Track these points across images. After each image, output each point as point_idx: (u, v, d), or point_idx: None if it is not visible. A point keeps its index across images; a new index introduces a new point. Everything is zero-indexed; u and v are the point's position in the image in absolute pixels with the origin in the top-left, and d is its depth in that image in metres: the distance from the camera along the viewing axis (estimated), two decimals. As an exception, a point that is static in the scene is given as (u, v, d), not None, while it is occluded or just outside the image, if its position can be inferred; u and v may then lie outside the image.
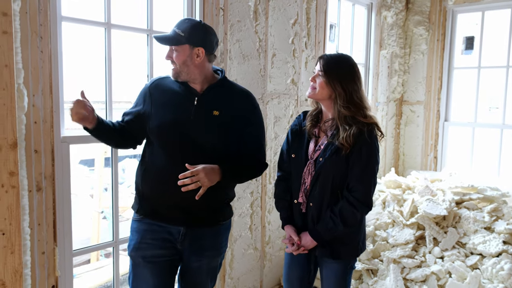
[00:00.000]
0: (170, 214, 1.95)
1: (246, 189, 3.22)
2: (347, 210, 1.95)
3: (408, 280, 3.28)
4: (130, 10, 3.14)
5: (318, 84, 2.00)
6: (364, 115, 1.98)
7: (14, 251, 1.76)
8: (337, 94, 1.96)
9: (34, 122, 2.03)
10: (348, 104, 1.95)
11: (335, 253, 2.04)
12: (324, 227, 1.99)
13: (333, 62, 2.00)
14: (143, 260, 1.97)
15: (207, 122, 1.92)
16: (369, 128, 1.96)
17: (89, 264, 5.48)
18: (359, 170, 1.95)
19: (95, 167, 6.35)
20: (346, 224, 1.97)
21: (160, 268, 1.98)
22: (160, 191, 1.94)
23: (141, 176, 2.00)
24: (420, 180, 4.14)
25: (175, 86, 1.99)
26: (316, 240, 2.01)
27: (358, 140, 1.92)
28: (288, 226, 2.14)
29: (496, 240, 3.36)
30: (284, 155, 2.19)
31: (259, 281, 3.46)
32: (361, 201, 1.96)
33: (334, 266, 2.09)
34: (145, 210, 1.99)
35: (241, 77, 3.06)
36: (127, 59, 5.73)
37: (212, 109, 1.93)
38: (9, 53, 1.66)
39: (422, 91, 5.04)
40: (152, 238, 1.97)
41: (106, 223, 6.51)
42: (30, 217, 2.04)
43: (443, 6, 4.78)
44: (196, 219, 1.96)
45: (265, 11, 3.18)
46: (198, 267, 2.03)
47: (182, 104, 1.94)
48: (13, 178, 1.72)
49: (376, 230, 3.70)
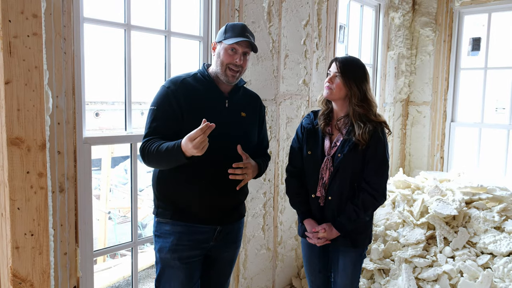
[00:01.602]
0: (208, 215, 1.99)
1: (259, 189, 3.24)
2: (369, 201, 2.13)
3: (420, 279, 3.30)
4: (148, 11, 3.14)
5: (335, 85, 2.13)
6: (374, 113, 2.15)
7: (42, 252, 1.76)
8: (352, 94, 2.11)
9: (57, 123, 2.04)
10: (362, 103, 2.12)
11: (354, 241, 2.20)
12: (348, 218, 2.13)
13: (348, 64, 2.15)
14: (180, 261, 1.98)
15: (238, 123, 2.02)
16: (381, 127, 2.15)
17: (96, 265, 5.48)
18: (376, 165, 2.12)
19: (102, 168, 6.35)
20: (368, 214, 2.17)
21: (194, 268, 2.02)
22: (200, 194, 1.96)
23: (175, 181, 1.97)
24: (429, 180, 4.17)
25: (201, 86, 1.99)
26: (340, 231, 2.16)
27: (373, 137, 2.09)
28: (309, 219, 2.25)
29: (507, 239, 3.39)
30: (295, 152, 2.31)
31: (272, 281, 3.48)
32: (380, 192, 2.14)
33: (352, 254, 2.24)
34: (181, 214, 1.99)
35: (255, 78, 3.07)
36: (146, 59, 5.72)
37: (240, 111, 2.04)
38: (39, 55, 1.67)
39: (428, 92, 5.07)
40: (189, 240, 1.99)
41: (111, 223, 6.51)
42: (53, 218, 2.05)
43: (449, 7, 4.81)
44: (230, 216, 2.09)
45: (278, 12, 3.19)
46: (225, 258, 2.17)
47: (215, 107, 1.98)
48: (42, 179, 1.73)
49: (387, 230, 3.72)
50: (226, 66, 1.96)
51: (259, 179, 3.22)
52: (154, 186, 2.05)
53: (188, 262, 2.00)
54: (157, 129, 1.91)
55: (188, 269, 2.00)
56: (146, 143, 1.89)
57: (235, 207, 2.12)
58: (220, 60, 1.97)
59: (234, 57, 1.95)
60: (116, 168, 9.69)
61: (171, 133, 1.91)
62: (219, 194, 1.99)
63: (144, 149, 1.88)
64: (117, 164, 9.91)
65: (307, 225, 2.25)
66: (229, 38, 1.95)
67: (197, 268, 2.06)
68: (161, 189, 2.02)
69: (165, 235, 2.00)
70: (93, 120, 9.42)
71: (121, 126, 2.49)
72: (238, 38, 1.93)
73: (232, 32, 1.97)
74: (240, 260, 3.16)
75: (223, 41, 1.96)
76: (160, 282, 2.04)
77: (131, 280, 2.57)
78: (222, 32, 2.00)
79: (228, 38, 1.95)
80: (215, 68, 2.02)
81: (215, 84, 2.02)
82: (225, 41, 1.95)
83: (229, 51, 1.95)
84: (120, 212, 7.73)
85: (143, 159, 1.92)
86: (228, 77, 1.97)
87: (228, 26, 2.00)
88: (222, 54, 1.96)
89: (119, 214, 7.68)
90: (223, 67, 1.96)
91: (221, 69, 1.97)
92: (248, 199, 3.15)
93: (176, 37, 2.66)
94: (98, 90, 8.17)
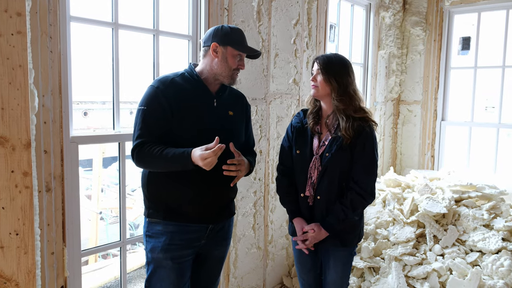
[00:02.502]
0: (200, 214, 2.01)
1: (249, 188, 3.24)
2: (358, 201, 2.13)
3: (409, 277, 3.32)
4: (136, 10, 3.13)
5: (319, 82, 2.15)
6: (355, 108, 2.13)
7: (28, 252, 1.75)
8: (332, 89, 2.12)
9: (43, 123, 2.03)
10: (342, 97, 2.11)
11: (344, 241, 2.21)
12: (336, 218, 2.13)
13: (328, 60, 2.16)
14: (172, 261, 1.98)
15: (226, 122, 2.05)
16: (368, 124, 2.14)
17: (88, 265, 5.45)
18: (364, 164, 2.13)
19: (93, 168, 6.33)
20: (356, 213, 2.17)
21: (185, 268, 2.03)
22: (191, 193, 1.97)
23: (166, 181, 1.97)
24: (419, 179, 4.19)
25: (189, 86, 2.01)
26: (329, 232, 2.16)
27: (361, 135, 2.10)
28: (298, 218, 2.26)
29: (496, 237, 3.41)
30: (285, 151, 2.31)
31: (262, 280, 3.48)
32: (368, 192, 2.13)
33: (341, 253, 2.25)
34: (173, 214, 1.99)
35: (244, 77, 3.07)
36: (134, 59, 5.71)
37: (228, 110, 2.07)
38: (23, 53, 1.66)
39: (419, 91, 5.09)
40: (181, 239, 1.99)
41: (103, 224, 6.48)
42: (40, 217, 2.04)
43: (439, 7, 4.84)
44: (221, 214, 2.12)
45: (268, 11, 3.20)
46: (216, 256, 2.20)
47: (204, 107, 2.00)
48: (27, 178, 1.72)
49: (377, 228, 3.74)
50: (233, 71, 2.04)
51: (250, 178, 3.23)
52: (144, 187, 2.04)
53: (180, 262, 2.00)
54: (149, 130, 1.91)
55: (179, 269, 2.01)
56: (142, 146, 1.88)
57: (226, 205, 2.14)
58: (228, 64, 2.02)
59: (239, 63, 2.05)
60: (109, 168, 9.66)
61: (162, 132, 1.91)
62: (210, 193, 2.01)
63: (140, 152, 1.88)
64: (110, 164, 9.87)
65: (296, 224, 2.26)
66: (237, 45, 2.02)
67: (188, 267, 2.06)
68: (152, 189, 2.01)
69: (157, 235, 2.00)
70: (81, 119, 9.40)
71: (110, 126, 2.48)
72: (249, 50, 2.07)
73: (238, 38, 2.05)
74: (231, 259, 3.16)
75: (232, 47, 2.01)
76: (150, 282, 2.03)
77: (120, 279, 2.56)
78: (228, 36, 2.02)
79: (236, 45, 2.02)
80: (214, 69, 2.03)
81: (203, 84, 2.04)
82: (236, 48, 2.02)
83: (237, 57, 2.03)
84: (112, 212, 7.70)
85: (137, 160, 1.91)
86: (233, 80, 2.07)
87: (233, 31, 2.04)
88: (230, 60, 2.02)
89: (111, 214, 7.64)
90: (230, 71, 2.03)
91: (227, 73, 2.03)
92: (238, 198, 3.15)
93: (165, 36, 2.66)
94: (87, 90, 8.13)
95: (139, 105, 1.95)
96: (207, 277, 2.22)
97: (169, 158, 1.83)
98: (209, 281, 2.24)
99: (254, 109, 3.19)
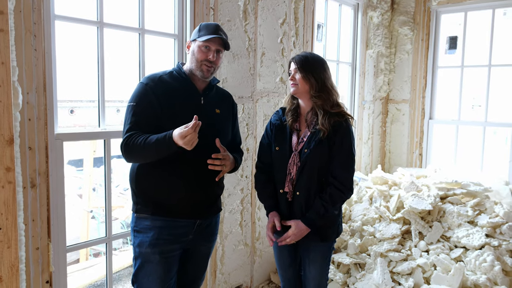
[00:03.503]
0: (188, 209, 2.05)
1: (236, 186, 3.28)
2: (336, 195, 2.16)
3: (394, 273, 3.37)
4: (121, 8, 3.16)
5: (298, 80, 2.20)
6: (333, 103, 2.19)
7: (11, 246, 1.78)
8: (310, 85, 2.17)
9: (28, 120, 2.06)
10: (320, 92, 2.17)
11: (323, 235, 2.24)
12: (317, 213, 2.16)
13: (304, 58, 2.22)
14: (160, 256, 2.01)
15: (213, 120, 2.09)
16: (345, 119, 2.19)
17: (79, 263, 5.47)
18: (342, 159, 2.17)
19: (84, 167, 6.35)
20: (336, 208, 2.22)
21: (172, 262, 2.07)
22: (179, 189, 2.02)
23: (154, 176, 2.01)
24: (406, 177, 4.25)
25: (177, 84, 2.05)
26: (310, 227, 2.18)
27: (339, 131, 2.15)
28: (274, 212, 2.28)
29: (479, 233, 3.47)
30: (264, 148, 2.35)
31: (250, 277, 3.52)
32: (347, 186, 2.18)
33: (321, 249, 2.29)
34: (161, 209, 2.03)
35: (231, 75, 3.11)
36: (119, 57, 5.75)
37: (215, 108, 2.13)
38: (6, 51, 1.69)
39: (407, 89, 5.15)
40: (168, 234, 2.03)
41: (94, 223, 6.50)
42: (24, 213, 2.06)
43: (427, 6, 4.90)
44: (209, 209, 2.17)
45: (254, 10, 3.24)
46: (202, 251, 2.24)
47: (191, 104, 2.05)
48: (10, 173, 1.75)
49: (364, 225, 3.79)
50: (200, 63, 2.04)
51: (237, 175, 3.27)
52: (132, 182, 2.08)
53: (167, 257, 2.04)
54: (138, 125, 1.95)
55: (166, 264, 2.04)
56: (129, 137, 1.92)
57: (213, 201, 2.19)
58: (195, 57, 2.05)
59: (207, 54, 2.04)
60: (101, 167, 9.66)
61: (152, 128, 1.95)
62: (198, 189, 2.05)
63: (128, 143, 1.92)
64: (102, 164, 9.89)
65: (270, 217, 2.27)
66: (202, 36, 2.03)
67: (175, 262, 2.10)
68: (140, 185, 2.05)
69: (145, 230, 2.04)
70: (68, 117, 9.41)
71: (96, 124, 2.51)
72: (211, 35, 2.02)
73: (205, 30, 2.05)
74: (217, 255, 3.19)
75: (197, 39, 2.04)
76: (137, 277, 2.07)
77: (106, 275, 2.59)
78: (196, 31, 2.09)
79: (201, 36, 2.03)
80: (189, 66, 2.09)
81: (190, 82, 2.09)
82: (199, 39, 2.03)
83: (203, 48, 2.03)
84: (103, 211, 7.70)
85: (126, 152, 1.95)
86: (203, 72, 2.05)
87: (202, 26, 2.08)
88: (196, 52, 2.05)
89: (102, 213, 7.65)
90: (198, 63, 2.05)
91: (196, 65, 2.05)
92: (225, 195, 3.19)
93: (150, 34, 2.69)
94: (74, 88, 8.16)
95: (129, 101, 2.01)
96: (194, 272, 2.26)
97: (153, 143, 1.87)
98: (195, 276, 2.28)
99: (241, 108, 3.23)
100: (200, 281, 2.32)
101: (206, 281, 3.12)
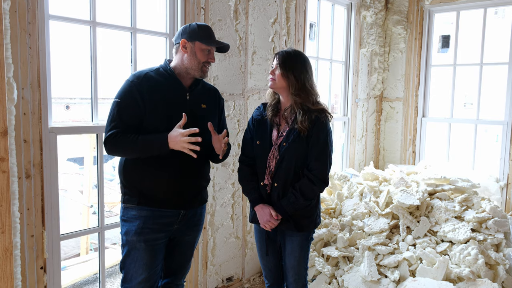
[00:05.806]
0: (173, 200, 2.18)
1: (227, 180, 3.38)
2: (307, 186, 2.26)
3: (381, 266, 3.46)
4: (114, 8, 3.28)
5: (276, 76, 2.30)
6: (313, 102, 2.29)
7: (5, 231, 1.90)
8: (290, 84, 2.27)
9: (23, 114, 2.18)
10: (300, 92, 2.26)
11: (298, 225, 2.33)
12: (287, 201, 2.27)
13: (287, 56, 2.30)
14: (145, 244, 2.14)
15: (198, 114, 2.20)
16: (324, 114, 2.28)
17: (79, 257, 5.61)
18: (317, 152, 2.26)
19: (85, 164, 6.50)
20: (305, 197, 2.27)
21: (158, 250, 2.19)
22: (166, 181, 2.15)
23: (141, 169, 2.13)
24: (396, 173, 4.33)
25: (163, 80, 2.16)
26: (282, 214, 2.29)
27: (315, 125, 2.24)
28: (261, 204, 2.35)
29: (465, 227, 3.55)
30: (247, 142, 2.46)
31: (241, 269, 3.63)
32: (319, 178, 2.26)
33: (297, 239, 2.38)
34: (147, 200, 2.14)
35: (222, 73, 3.22)
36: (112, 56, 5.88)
37: (201, 103, 2.25)
38: (0, 48, 1.81)
39: (401, 88, 5.24)
40: (154, 223, 2.15)
41: (95, 218, 6.64)
42: (19, 202, 2.19)
43: (420, 6, 4.98)
44: (194, 200, 2.28)
45: (245, 10, 3.34)
46: (188, 241, 2.35)
47: (176, 100, 2.16)
48: (3, 163, 1.87)
49: (353, 220, 3.88)
50: (202, 64, 2.19)
51: (227, 170, 3.37)
52: (121, 174, 2.20)
53: (153, 244, 2.15)
54: (122, 121, 2.06)
55: (152, 251, 2.16)
56: (116, 135, 2.03)
57: (198, 192, 2.30)
58: (197, 58, 2.17)
59: (209, 56, 2.20)
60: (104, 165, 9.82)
61: (135, 123, 2.08)
62: (183, 180, 2.18)
63: (114, 139, 2.03)
64: (106, 161, 10.06)
65: (261, 209, 2.32)
66: (204, 39, 2.17)
67: (161, 250, 2.22)
68: (128, 176, 2.17)
69: (131, 219, 2.16)
70: (63, 112, 9.59)
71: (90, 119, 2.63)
72: (216, 43, 2.21)
73: (205, 33, 2.19)
74: (209, 247, 3.31)
75: (200, 42, 2.16)
76: (125, 263, 2.18)
77: (98, 265, 2.71)
78: (195, 32, 2.17)
79: (203, 39, 2.16)
80: (185, 64, 2.19)
81: (177, 78, 2.19)
82: (203, 42, 2.16)
83: (206, 51, 2.18)
84: (105, 207, 7.86)
85: (110, 148, 2.06)
86: (204, 73, 2.21)
87: (200, 27, 2.19)
88: (198, 54, 2.17)
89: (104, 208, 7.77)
90: (199, 64, 2.18)
91: (197, 66, 2.18)
92: (216, 189, 3.30)
93: (142, 33, 2.80)
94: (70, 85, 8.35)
95: (115, 98, 2.12)
96: (180, 260, 2.38)
97: (146, 141, 2.03)
98: (181, 264, 2.40)
99: (232, 104, 3.34)
100: (187, 266, 2.44)
101: (197, 272, 3.24)
